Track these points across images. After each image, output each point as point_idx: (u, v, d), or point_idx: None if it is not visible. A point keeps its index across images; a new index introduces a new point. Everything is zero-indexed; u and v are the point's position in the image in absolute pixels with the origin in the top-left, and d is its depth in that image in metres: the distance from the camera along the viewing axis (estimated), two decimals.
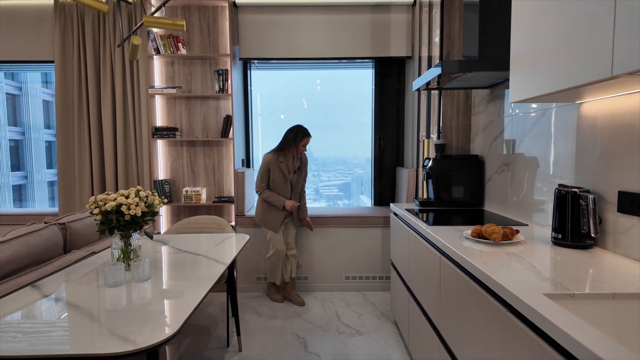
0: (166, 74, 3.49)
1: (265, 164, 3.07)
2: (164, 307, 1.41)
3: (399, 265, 2.54)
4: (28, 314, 1.37)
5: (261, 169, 3.08)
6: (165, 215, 3.59)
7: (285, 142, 3.08)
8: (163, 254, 2.10)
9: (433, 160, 2.56)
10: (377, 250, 3.44)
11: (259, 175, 3.09)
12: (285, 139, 3.08)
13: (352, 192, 4.24)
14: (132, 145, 3.40)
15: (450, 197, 2.57)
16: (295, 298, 3.22)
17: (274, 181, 3.08)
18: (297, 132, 3.07)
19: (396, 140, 3.86)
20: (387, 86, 3.83)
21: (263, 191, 3.08)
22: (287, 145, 3.07)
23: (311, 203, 4.30)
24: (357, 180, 4.22)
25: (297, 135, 3.06)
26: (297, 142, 3.06)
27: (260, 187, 3.08)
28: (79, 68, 3.36)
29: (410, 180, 3.31)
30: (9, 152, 7.59)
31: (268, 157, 3.08)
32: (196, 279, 1.69)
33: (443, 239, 1.66)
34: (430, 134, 3.03)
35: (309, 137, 3.11)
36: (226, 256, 2.05)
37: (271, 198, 3.07)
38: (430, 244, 1.86)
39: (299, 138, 3.06)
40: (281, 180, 3.10)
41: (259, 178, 3.09)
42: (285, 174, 3.10)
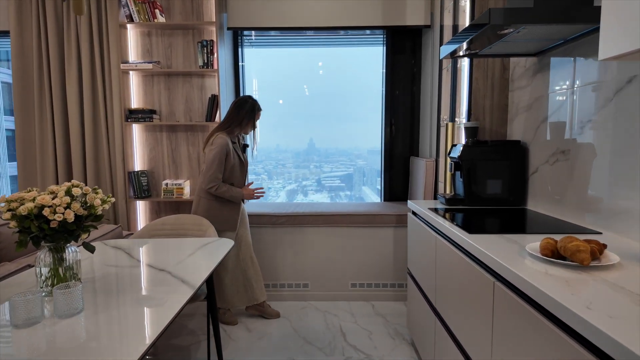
0: (142, 46, 2.98)
1: (222, 149, 2.38)
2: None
3: (420, 277, 2.05)
4: None
5: (216, 157, 2.36)
6: (142, 213, 3.10)
7: (238, 117, 2.46)
8: (116, 270, 1.62)
9: (464, 147, 2.06)
10: (389, 254, 2.95)
11: (214, 166, 2.36)
12: (237, 113, 2.47)
13: (354, 183, 3.95)
14: (102, 130, 2.90)
15: (485, 193, 2.07)
16: (269, 310, 2.72)
17: (232, 170, 2.48)
18: (253, 105, 2.50)
19: (410, 126, 3.35)
20: (401, 64, 3.30)
21: (219, 185, 2.40)
22: (241, 121, 2.47)
23: (313, 194, 3.90)
24: (359, 171, 3.92)
25: (254, 108, 2.51)
26: (253, 117, 2.51)
27: (215, 180, 2.38)
28: (38, 39, 2.85)
29: (428, 172, 2.81)
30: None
31: (224, 140, 2.40)
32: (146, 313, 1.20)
33: (497, 256, 1.16)
34: (456, 117, 2.51)
35: (260, 111, 2.59)
36: (199, 271, 1.56)
37: (229, 193, 2.44)
38: (474, 260, 1.36)
39: (254, 112, 2.51)
40: (239, 166, 2.53)
41: (213, 169, 2.36)
42: (242, 158, 2.58)
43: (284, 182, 3.82)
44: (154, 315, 1.18)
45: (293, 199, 3.81)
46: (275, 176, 3.79)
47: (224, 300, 2.60)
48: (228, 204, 2.50)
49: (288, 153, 3.77)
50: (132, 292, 1.35)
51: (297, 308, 2.87)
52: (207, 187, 2.39)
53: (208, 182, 2.39)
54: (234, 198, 2.48)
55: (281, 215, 2.91)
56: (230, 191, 2.45)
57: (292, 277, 2.98)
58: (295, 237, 2.94)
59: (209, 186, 2.39)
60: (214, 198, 2.46)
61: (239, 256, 2.57)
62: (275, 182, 3.80)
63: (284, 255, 2.96)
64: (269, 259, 2.97)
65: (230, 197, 2.46)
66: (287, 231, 2.94)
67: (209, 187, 2.39)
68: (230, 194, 2.45)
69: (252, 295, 2.61)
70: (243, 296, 2.60)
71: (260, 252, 2.95)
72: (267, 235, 2.94)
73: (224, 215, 2.49)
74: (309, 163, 3.82)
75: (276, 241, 2.95)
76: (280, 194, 3.82)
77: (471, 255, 1.39)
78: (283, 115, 3.66)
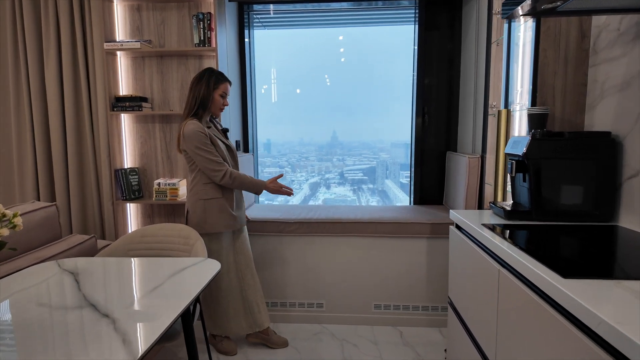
0: (131, 23, 2.55)
1: (201, 134, 1.91)
2: None
3: (469, 316, 1.53)
4: None
5: (202, 144, 1.91)
6: (134, 217, 2.70)
7: (196, 98, 1.97)
8: (42, 316, 1.18)
9: (532, 142, 1.51)
10: (421, 270, 2.43)
11: (206, 154, 1.92)
12: (195, 94, 1.98)
13: (377, 176, 3.87)
14: (85, 121, 2.50)
15: (559, 204, 1.52)
16: (275, 338, 2.26)
17: (222, 158, 2.01)
18: (209, 79, 1.99)
19: (446, 115, 2.80)
20: (435, 43, 2.76)
21: (230, 172, 1.95)
22: (202, 100, 1.97)
23: (336, 187, 3.82)
24: (382, 164, 3.84)
25: (209, 82, 1.98)
26: (212, 93, 1.99)
27: (222, 166, 1.95)
28: (12, 15, 2.46)
29: (471, 171, 2.27)
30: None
31: (197, 125, 1.93)
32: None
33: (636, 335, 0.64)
34: (512, 102, 1.96)
35: (226, 83, 2.05)
36: (160, 316, 1.11)
37: (248, 179, 2.01)
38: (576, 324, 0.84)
39: (212, 86, 1.99)
40: (227, 154, 2.07)
41: (209, 157, 1.92)
42: (227, 144, 2.10)
43: (307, 175, 3.80)
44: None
45: (316, 191, 3.78)
46: (298, 169, 3.76)
47: (220, 327, 2.16)
48: (225, 202, 2.03)
49: (311, 146, 3.75)
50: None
51: (309, 333, 2.40)
52: (219, 177, 1.94)
53: (216, 172, 1.94)
54: (255, 187, 2.03)
55: (291, 222, 2.44)
56: (247, 177, 2.01)
57: (303, 295, 2.51)
58: (308, 247, 2.47)
59: (220, 175, 1.94)
60: (222, 197, 2.01)
61: (238, 274, 2.12)
62: (299, 175, 3.77)
63: (295, 268, 2.49)
64: (275, 273, 2.51)
65: (250, 185, 2.02)
66: (299, 240, 2.47)
67: (221, 177, 1.94)
68: (250, 181, 2.01)
69: (253, 321, 2.16)
70: (243, 321, 2.15)
71: (265, 264, 2.50)
72: (274, 244, 2.48)
73: (225, 214, 2.04)
74: (332, 156, 3.77)
75: (285, 252, 2.49)
76: (303, 187, 3.78)
77: (571, 316, 0.87)
78: (305, 108, 3.39)
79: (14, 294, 1.28)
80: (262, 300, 2.18)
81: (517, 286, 1.09)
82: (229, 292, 2.11)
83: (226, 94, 2.03)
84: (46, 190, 2.54)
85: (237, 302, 2.13)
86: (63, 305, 1.20)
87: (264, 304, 2.19)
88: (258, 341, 2.24)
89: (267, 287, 2.52)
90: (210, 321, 2.17)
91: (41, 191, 2.53)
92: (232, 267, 2.10)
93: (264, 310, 2.18)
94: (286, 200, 3.49)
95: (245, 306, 2.14)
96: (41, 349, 0.95)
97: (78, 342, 0.98)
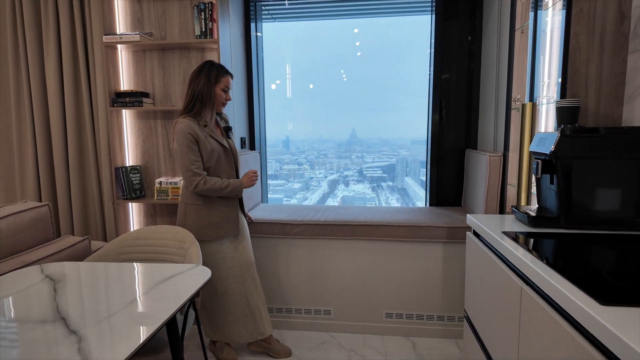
0: (132, 16, 2.45)
1: (188, 134, 1.77)
2: None
3: (486, 333, 1.36)
4: None
5: (185, 146, 1.77)
6: (137, 217, 2.61)
7: (195, 94, 1.83)
8: (7, 331, 1.08)
9: (561, 138, 1.32)
10: (437, 277, 2.26)
11: (187, 157, 1.78)
12: (194, 89, 1.84)
13: (396, 174, 3.81)
14: (86, 118, 2.42)
15: (592, 210, 1.33)
16: (278, 347, 2.13)
17: (214, 161, 1.87)
18: (209, 72, 1.85)
19: (466, 110, 2.61)
20: (454, 33, 2.56)
21: (206, 180, 1.81)
22: (201, 96, 1.83)
23: (354, 184, 3.74)
24: (402, 161, 3.77)
25: (210, 75, 1.84)
26: (212, 87, 1.84)
27: (197, 175, 1.80)
28: (12, 9, 2.40)
29: (492, 171, 2.08)
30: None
31: (187, 124, 1.78)
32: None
33: None
34: (539, 94, 1.77)
35: (228, 76, 1.90)
36: (141, 329, 0.99)
37: (224, 186, 1.85)
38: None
39: (212, 79, 1.85)
40: (222, 155, 1.91)
41: (188, 161, 1.78)
42: (224, 144, 1.93)
43: (326, 172, 3.76)
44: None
45: (335, 189, 3.74)
46: (317, 166, 3.74)
47: (220, 333, 2.04)
48: (223, 208, 1.92)
49: (330, 143, 3.70)
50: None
51: (314, 342, 2.26)
52: (192, 187, 1.81)
53: (190, 181, 1.81)
54: (234, 191, 1.89)
55: (297, 224, 2.30)
56: (223, 183, 1.86)
57: (309, 301, 2.37)
58: (314, 250, 2.33)
59: (193, 185, 1.81)
60: (203, 203, 1.88)
61: (238, 279, 2.00)
62: (317, 172, 3.73)
63: (300, 273, 2.36)
64: (280, 278, 2.38)
65: (229, 191, 1.87)
66: (305, 244, 2.33)
67: (194, 187, 1.81)
68: (227, 186, 1.86)
69: (255, 328, 2.03)
70: (244, 329, 2.03)
71: (269, 268, 2.37)
72: (279, 247, 2.35)
73: (223, 218, 1.92)
74: (351, 153, 3.71)
75: (290, 255, 2.35)
76: (322, 184, 3.74)
77: (610, 353, 0.70)
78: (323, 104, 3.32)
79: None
80: (264, 307, 2.06)
81: (543, 308, 0.92)
82: (228, 297, 1.99)
83: (228, 88, 1.90)
84: (47, 189, 2.48)
85: (237, 308, 2.01)
86: (32, 318, 1.10)
87: (266, 311, 2.06)
88: (260, 350, 2.12)
89: (271, 292, 2.40)
90: (210, 327, 2.06)
91: (42, 190, 2.47)
92: (231, 271, 1.97)
93: (266, 317, 2.06)
94: (287, 197, 3.39)
95: (246, 312, 2.02)
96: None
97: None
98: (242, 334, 2.02)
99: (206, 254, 1.93)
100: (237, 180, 1.92)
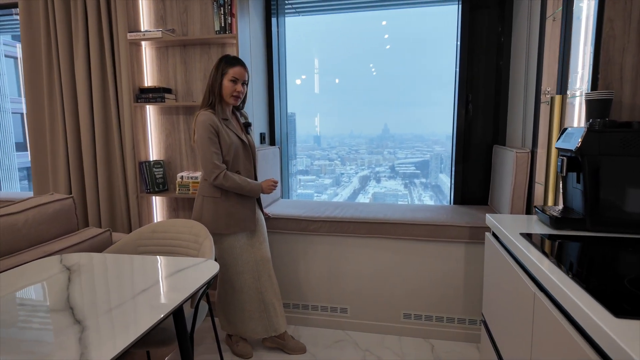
0: (155, 13, 2.50)
1: (209, 126, 1.79)
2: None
3: (501, 340, 1.29)
4: None
5: (204, 139, 1.79)
6: (160, 210, 2.68)
7: (211, 87, 1.86)
8: (10, 316, 1.12)
9: (587, 134, 1.22)
10: (458, 279, 2.17)
11: (207, 149, 1.80)
12: (209, 82, 1.87)
13: (430, 170, 3.73)
14: (112, 113, 2.50)
15: (621, 211, 1.22)
16: (292, 344, 2.11)
17: (232, 155, 1.87)
18: (219, 62, 1.87)
19: (494, 104, 2.48)
20: (482, 23, 2.44)
21: (226, 174, 1.82)
22: (215, 90, 1.85)
23: (386, 181, 3.67)
24: (437, 157, 3.69)
25: (219, 66, 1.86)
26: (221, 78, 1.85)
27: (217, 167, 1.81)
28: (45, 11, 2.51)
29: (519, 169, 1.97)
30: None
31: (207, 116, 1.81)
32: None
33: None
34: (569, 87, 1.65)
35: (237, 67, 1.87)
36: (143, 320, 1.00)
37: (244, 184, 1.86)
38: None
39: (221, 69, 1.85)
40: (241, 150, 1.91)
41: (209, 153, 1.80)
42: (243, 139, 1.92)
43: (357, 168, 3.71)
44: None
45: (366, 185, 3.69)
46: (348, 162, 3.70)
47: (235, 327, 2.06)
48: (240, 202, 1.92)
49: (361, 139, 3.66)
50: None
51: (329, 340, 2.23)
52: (212, 179, 1.83)
53: (210, 172, 1.82)
54: (251, 192, 1.90)
55: (315, 220, 2.28)
56: (243, 182, 1.86)
57: (325, 298, 2.35)
58: (332, 247, 2.30)
59: (212, 177, 1.82)
60: (221, 197, 1.89)
61: (253, 274, 2.00)
62: (348, 168, 3.70)
63: (317, 270, 2.34)
64: (296, 274, 2.36)
65: (247, 191, 1.88)
66: (323, 241, 2.31)
67: (213, 179, 1.82)
68: (246, 187, 1.86)
69: (269, 324, 2.03)
70: (258, 324, 2.03)
71: (285, 264, 2.36)
72: (296, 244, 2.34)
73: (239, 214, 1.92)
74: (383, 149, 3.66)
75: (307, 252, 2.33)
76: (352, 180, 3.70)
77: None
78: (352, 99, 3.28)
79: (6, 289, 1.24)
80: (280, 303, 2.05)
81: (555, 317, 0.85)
82: (244, 292, 2.00)
83: (238, 80, 1.87)
84: (77, 182, 2.58)
85: (253, 304, 2.01)
86: (42, 306, 1.14)
87: (281, 307, 2.06)
88: (274, 346, 2.12)
89: (288, 288, 2.39)
90: (226, 321, 2.08)
91: (72, 183, 2.58)
92: (247, 267, 1.98)
93: (281, 314, 2.05)
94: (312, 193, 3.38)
95: (261, 308, 2.02)
96: None
97: (30, 352, 0.89)
98: (256, 330, 2.03)
99: (223, 248, 1.95)
100: (257, 184, 1.92)
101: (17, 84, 6.49)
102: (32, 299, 1.20)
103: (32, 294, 1.23)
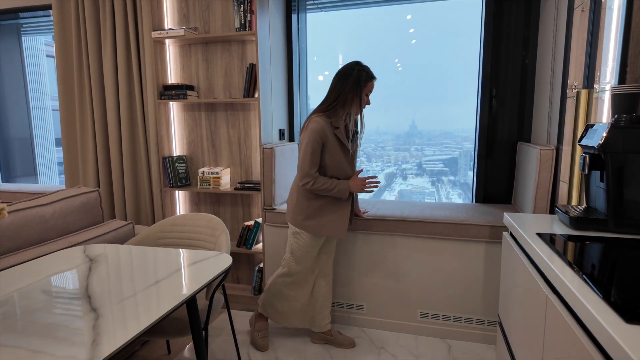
0: (178, 11, 2.56)
1: (318, 137, 1.82)
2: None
3: (514, 341, 1.25)
4: None
5: (308, 147, 1.84)
6: (183, 204, 2.75)
7: (341, 93, 1.84)
8: (33, 302, 1.17)
9: (611, 130, 1.16)
10: (477, 279, 2.12)
11: (307, 157, 1.84)
12: (340, 88, 1.85)
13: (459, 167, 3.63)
14: (137, 110, 2.59)
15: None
16: (340, 339, 2.13)
17: (331, 161, 1.89)
18: (359, 75, 1.83)
19: (519, 100, 2.40)
20: (507, 15, 2.36)
21: (316, 181, 1.86)
22: (345, 98, 1.85)
23: (413, 178, 3.64)
24: (466, 154, 3.50)
25: (359, 79, 1.83)
26: (359, 91, 1.84)
27: (310, 176, 1.86)
28: (76, 12, 2.61)
29: (543, 166, 1.89)
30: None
31: (320, 125, 1.83)
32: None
33: None
34: (600, 81, 1.57)
35: (374, 80, 1.90)
36: (156, 310, 1.04)
37: (331, 187, 1.88)
38: None
39: (362, 83, 1.84)
40: (341, 157, 1.92)
41: (307, 162, 1.84)
42: (347, 146, 1.93)
43: (383, 165, 3.69)
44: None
45: (392, 182, 3.67)
46: (374, 159, 3.66)
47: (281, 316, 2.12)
48: (333, 204, 1.95)
49: (388, 135, 3.63)
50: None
51: None
52: (302, 183, 1.89)
53: (302, 178, 1.88)
54: (340, 193, 1.90)
55: None
56: (332, 185, 1.88)
57: (343, 294, 2.35)
58: (349, 244, 2.29)
59: (302, 182, 1.88)
60: (314, 196, 1.94)
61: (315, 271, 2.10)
62: (374, 165, 3.65)
63: (334, 266, 2.34)
64: None
65: (335, 192, 1.89)
66: None
67: (303, 184, 1.88)
68: (334, 188, 1.89)
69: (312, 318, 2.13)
70: (301, 315, 2.12)
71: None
72: None
73: (331, 216, 1.95)
74: (410, 146, 3.61)
75: None
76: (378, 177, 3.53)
77: None
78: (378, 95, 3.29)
79: (33, 277, 1.31)
80: (328, 304, 2.13)
81: (566, 322, 0.82)
82: (300, 287, 2.08)
83: (371, 91, 1.93)
84: (104, 176, 2.69)
85: (304, 298, 2.09)
86: (63, 293, 1.19)
87: (329, 309, 2.13)
88: (322, 342, 2.16)
89: None
90: (272, 309, 2.12)
91: (100, 177, 2.68)
92: (314, 265, 2.06)
93: (327, 314, 2.12)
94: None
95: (311, 302, 2.11)
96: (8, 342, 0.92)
97: (48, 336, 0.94)
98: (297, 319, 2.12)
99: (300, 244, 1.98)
100: (345, 182, 1.92)
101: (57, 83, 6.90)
102: (56, 286, 1.26)
103: (56, 282, 1.29)
